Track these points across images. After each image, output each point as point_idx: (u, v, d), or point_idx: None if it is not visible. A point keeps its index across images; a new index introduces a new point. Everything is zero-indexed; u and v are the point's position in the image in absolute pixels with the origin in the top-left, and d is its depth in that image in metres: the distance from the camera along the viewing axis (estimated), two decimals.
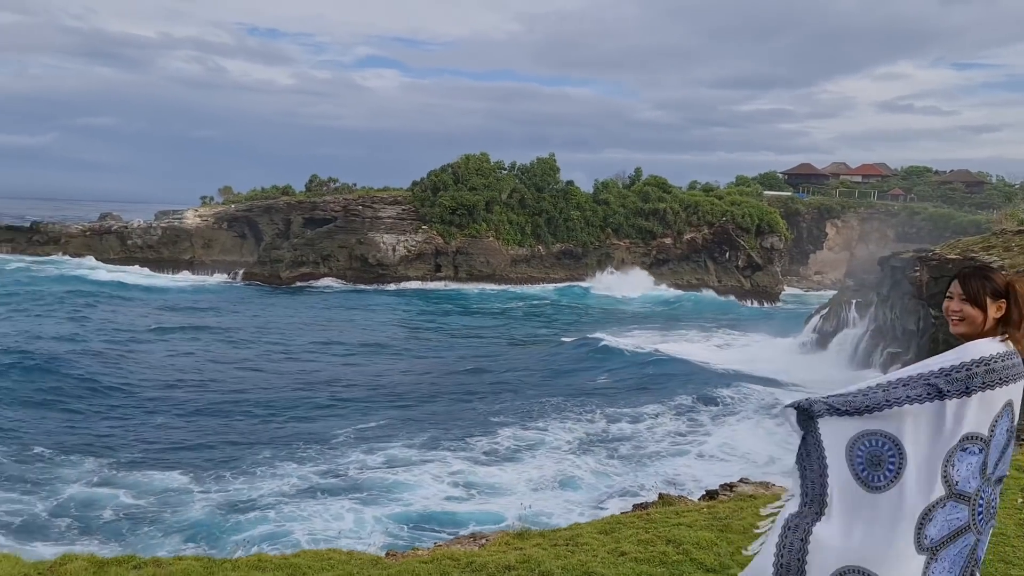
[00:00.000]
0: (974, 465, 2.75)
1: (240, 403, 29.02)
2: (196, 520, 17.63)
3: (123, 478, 20.15)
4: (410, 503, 18.94)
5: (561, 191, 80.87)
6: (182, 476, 20.44)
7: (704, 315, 62.29)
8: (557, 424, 26.06)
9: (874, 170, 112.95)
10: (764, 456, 22.44)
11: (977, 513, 2.79)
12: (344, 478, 20.48)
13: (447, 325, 51.74)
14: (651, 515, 5.65)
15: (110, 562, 4.85)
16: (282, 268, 75.83)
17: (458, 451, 23.05)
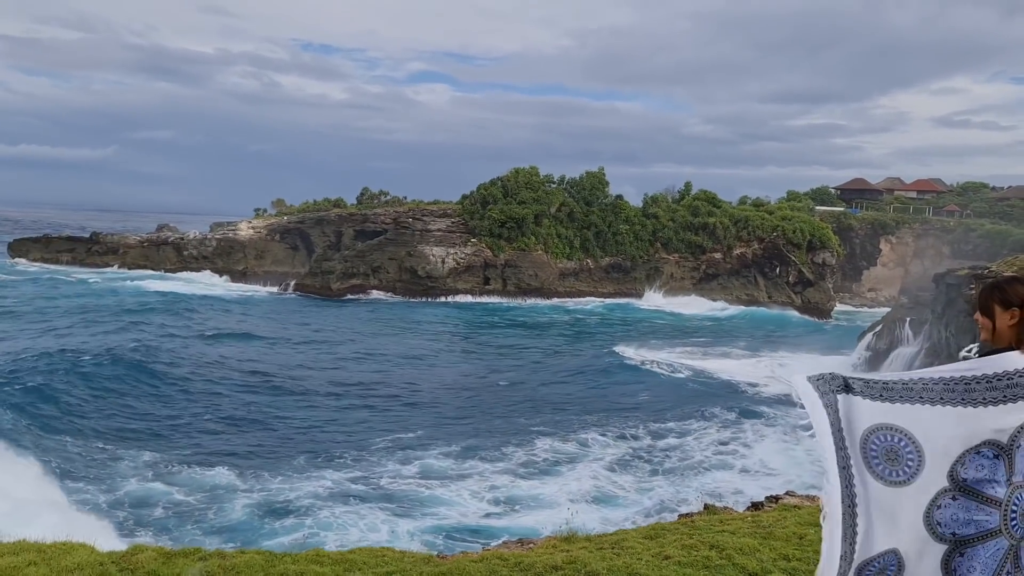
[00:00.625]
0: (986, 469, 2.85)
1: (283, 407, 30.10)
2: (237, 521, 18.31)
3: (175, 474, 21.04)
4: (446, 516, 19.21)
5: (610, 205, 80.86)
6: (228, 473, 21.36)
7: (754, 332, 61.55)
8: (596, 438, 26.17)
9: (929, 186, 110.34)
10: (800, 473, 22.26)
11: (1011, 519, 2.86)
12: (378, 488, 20.95)
13: (491, 338, 52.09)
14: (695, 523, 5.80)
15: (177, 554, 5.19)
16: (333, 279, 77.12)
17: (495, 462, 23.32)
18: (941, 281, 39.65)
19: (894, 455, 2.93)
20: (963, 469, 2.86)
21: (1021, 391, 2.88)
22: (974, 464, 2.87)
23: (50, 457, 21.53)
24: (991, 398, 2.87)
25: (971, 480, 2.85)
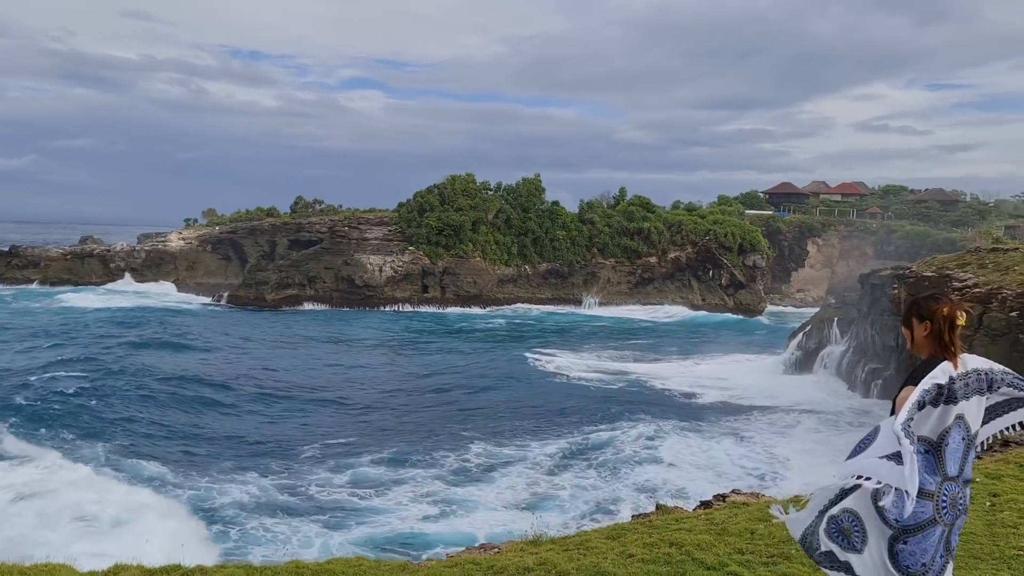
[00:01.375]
0: (919, 462, 3.15)
1: (209, 413, 29.85)
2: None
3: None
4: (383, 524, 19.02)
5: (547, 211, 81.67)
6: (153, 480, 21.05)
7: (688, 335, 62.90)
8: (529, 442, 26.48)
9: (852, 189, 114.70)
10: (725, 471, 23.02)
11: (941, 507, 3.26)
12: (309, 498, 20.82)
13: (425, 346, 52.05)
14: (653, 522, 6.06)
15: (159, 571, 5.17)
16: (267, 290, 75.82)
17: (428, 467, 23.41)
18: (866, 281, 41.30)
19: (846, 534, 3.39)
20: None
21: (948, 397, 3.28)
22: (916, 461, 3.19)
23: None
24: (931, 399, 3.27)
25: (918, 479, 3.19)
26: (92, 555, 13.96)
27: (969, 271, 28.76)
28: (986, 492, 6.20)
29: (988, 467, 6.96)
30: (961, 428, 3.32)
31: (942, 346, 3.42)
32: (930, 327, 3.44)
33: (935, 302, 3.50)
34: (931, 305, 3.49)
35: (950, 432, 3.29)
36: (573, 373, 41.78)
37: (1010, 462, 7.47)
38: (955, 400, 3.28)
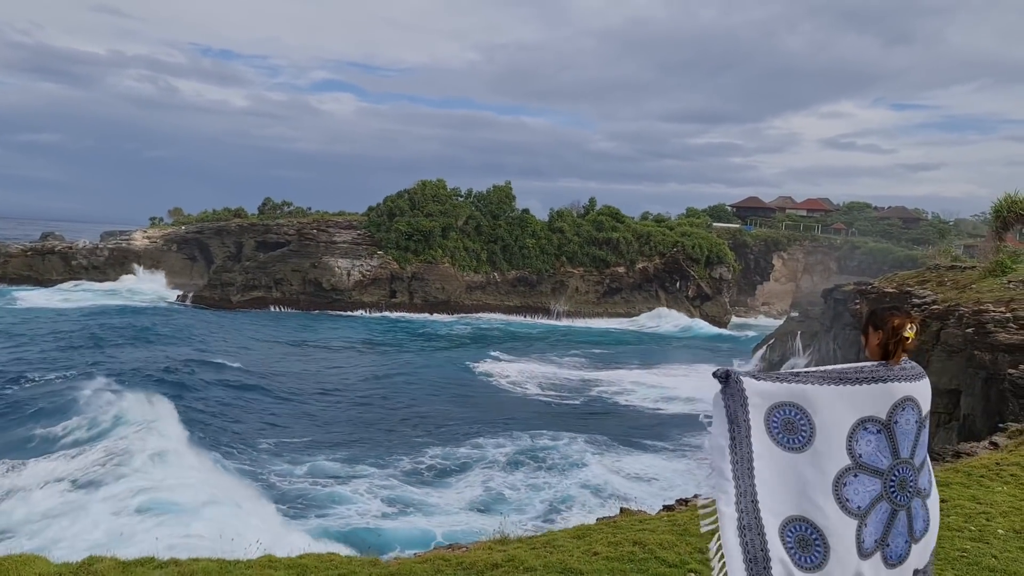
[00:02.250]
0: (873, 443, 3.44)
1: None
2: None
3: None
4: (342, 516, 19.39)
5: (517, 219, 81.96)
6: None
7: (653, 344, 63.48)
8: (483, 447, 26.74)
9: (818, 204, 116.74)
10: (672, 479, 23.34)
11: (889, 487, 3.46)
12: (269, 485, 21.05)
13: (386, 350, 51.95)
14: (618, 523, 6.22)
15: (133, 563, 5.21)
16: (233, 292, 75.05)
17: (384, 468, 23.74)
18: (829, 296, 42.12)
19: (791, 426, 3.47)
20: (857, 446, 3.46)
21: (879, 376, 3.54)
22: (864, 440, 3.46)
23: None
24: (857, 378, 3.53)
25: (864, 456, 3.45)
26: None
27: (928, 288, 29.46)
28: None
29: (938, 475, 7.25)
30: (913, 410, 3.53)
31: (886, 354, 3.67)
32: (881, 336, 3.68)
33: (889, 313, 3.76)
34: (885, 316, 3.76)
35: (900, 411, 3.50)
36: (532, 382, 41.86)
37: (958, 471, 7.79)
38: (886, 380, 3.51)
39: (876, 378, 3.54)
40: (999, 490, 6.97)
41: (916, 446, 3.56)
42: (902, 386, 3.54)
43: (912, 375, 3.61)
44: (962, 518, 6.14)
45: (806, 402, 3.48)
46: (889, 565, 3.51)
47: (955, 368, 21.24)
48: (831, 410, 3.46)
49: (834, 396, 3.49)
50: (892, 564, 3.52)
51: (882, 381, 3.52)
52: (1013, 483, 7.25)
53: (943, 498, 6.72)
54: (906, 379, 3.57)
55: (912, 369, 3.64)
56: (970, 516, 6.21)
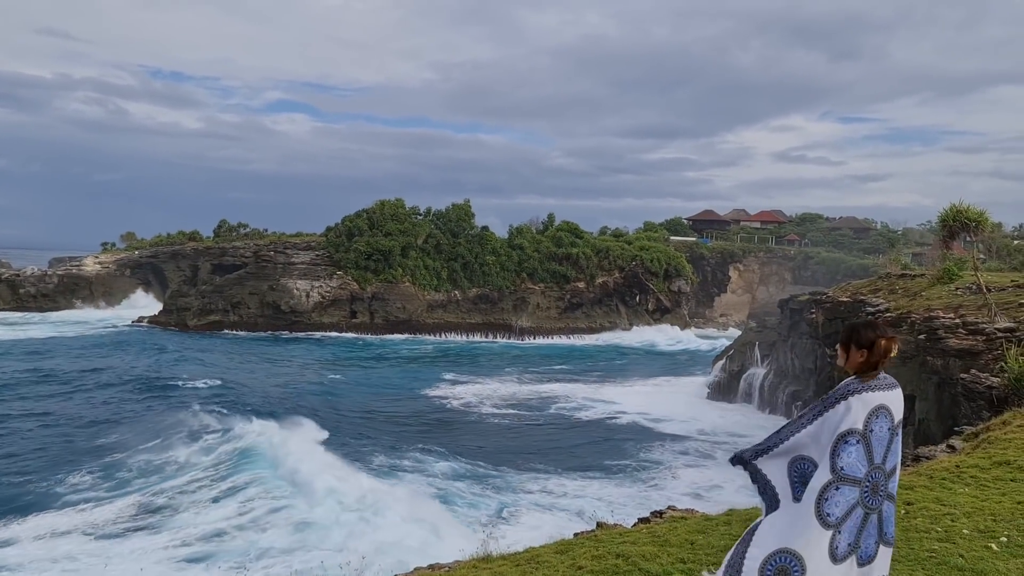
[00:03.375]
0: (853, 455, 3.62)
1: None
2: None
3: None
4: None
5: (476, 236, 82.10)
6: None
7: (615, 359, 63.91)
8: (424, 465, 26.95)
9: (771, 216, 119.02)
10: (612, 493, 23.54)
11: (864, 493, 3.63)
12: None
13: (341, 370, 51.52)
14: (599, 536, 6.30)
15: None
16: (189, 316, 73.77)
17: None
18: (785, 306, 42.89)
19: (804, 478, 3.75)
20: (839, 460, 3.62)
21: (854, 390, 3.74)
22: (845, 452, 3.64)
23: None
24: (838, 396, 3.75)
25: (846, 468, 3.59)
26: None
27: (880, 296, 30.22)
28: (902, 501, 6.70)
29: (903, 479, 7.48)
30: (886, 418, 3.71)
31: (862, 367, 3.84)
32: (867, 355, 3.81)
33: (873, 333, 3.87)
34: (870, 335, 3.86)
35: (875, 420, 3.67)
36: (487, 401, 41.65)
37: (921, 474, 8.03)
38: (859, 391, 3.69)
39: (851, 391, 3.72)
40: (961, 492, 7.21)
41: (888, 452, 3.73)
42: (875, 395, 3.71)
43: (885, 385, 3.78)
44: (928, 520, 6.35)
45: (808, 451, 3.77)
46: (860, 565, 3.68)
47: (909, 374, 21.82)
48: (820, 440, 3.72)
49: (818, 427, 3.73)
50: (863, 563, 3.69)
51: (857, 393, 3.70)
52: (974, 484, 7.50)
53: (909, 500, 6.94)
54: (879, 389, 3.74)
55: (885, 380, 3.80)
56: (936, 517, 6.42)
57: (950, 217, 21.87)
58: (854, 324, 3.98)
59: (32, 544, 18.39)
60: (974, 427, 11.73)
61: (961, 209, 21.72)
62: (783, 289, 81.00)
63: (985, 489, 7.35)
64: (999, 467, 8.08)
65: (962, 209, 21.71)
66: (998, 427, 10.35)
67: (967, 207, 21.75)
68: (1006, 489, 7.29)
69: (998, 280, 26.11)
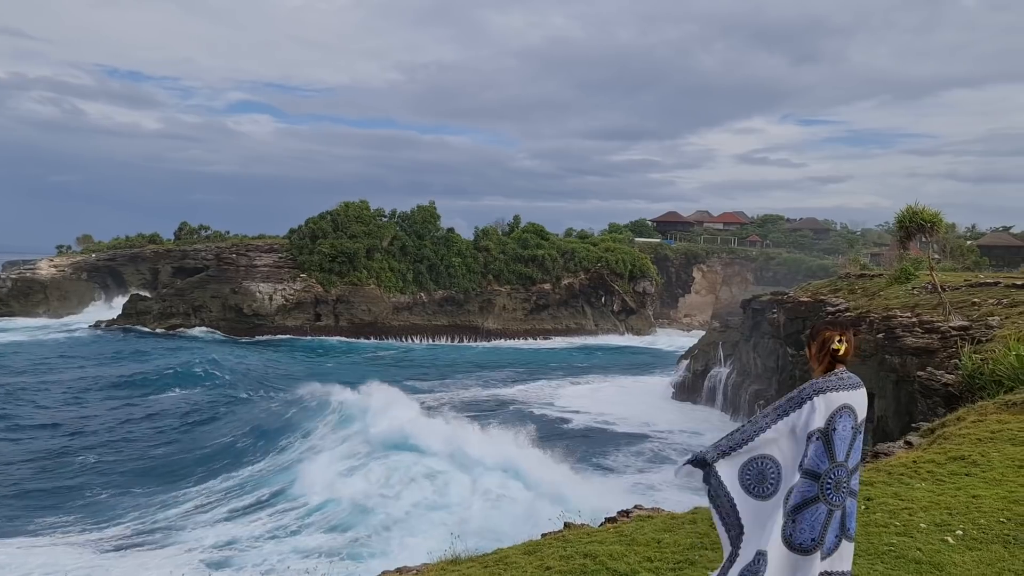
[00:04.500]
0: (812, 451, 3.72)
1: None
2: None
3: None
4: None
5: (442, 238, 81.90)
6: None
7: (579, 360, 64.21)
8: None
9: (734, 218, 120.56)
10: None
11: (826, 488, 3.71)
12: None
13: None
14: (567, 537, 6.34)
15: None
16: (149, 320, 72.54)
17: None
18: (748, 307, 43.47)
19: (762, 476, 3.85)
20: (807, 459, 3.68)
21: (818, 389, 3.83)
22: (811, 449, 3.75)
23: None
24: (803, 397, 3.83)
25: (809, 463, 3.69)
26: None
27: (840, 296, 30.78)
28: (862, 496, 6.85)
29: (862, 475, 7.65)
30: (849, 417, 3.79)
31: (820, 364, 3.96)
32: (816, 348, 3.98)
33: (824, 328, 4.05)
34: (818, 330, 4.07)
35: (838, 419, 3.76)
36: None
37: (880, 470, 8.21)
38: (823, 391, 3.79)
39: (816, 391, 3.80)
40: (918, 487, 7.39)
41: (851, 450, 3.82)
42: (839, 395, 3.79)
43: (849, 384, 3.86)
44: (887, 514, 6.49)
45: (769, 450, 3.84)
46: (823, 559, 3.77)
47: (868, 372, 22.27)
48: (789, 443, 3.80)
49: (786, 428, 3.81)
50: (825, 557, 3.78)
51: (821, 393, 3.78)
52: (930, 479, 7.69)
53: (869, 496, 7.10)
54: (843, 388, 3.82)
55: (849, 379, 3.89)
56: (894, 512, 6.57)
57: (906, 219, 22.36)
58: (816, 323, 4.12)
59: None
60: (930, 423, 12.00)
61: (917, 211, 22.22)
62: (746, 289, 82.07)
63: (941, 484, 7.54)
64: (954, 462, 8.29)
65: (918, 211, 22.21)
66: (953, 423, 10.61)
67: (923, 209, 22.26)
68: (961, 484, 7.49)
69: (952, 280, 26.75)
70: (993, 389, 12.59)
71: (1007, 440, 8.96)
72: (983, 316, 20.28)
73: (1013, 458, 8.21)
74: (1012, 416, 10.09)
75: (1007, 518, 6.36)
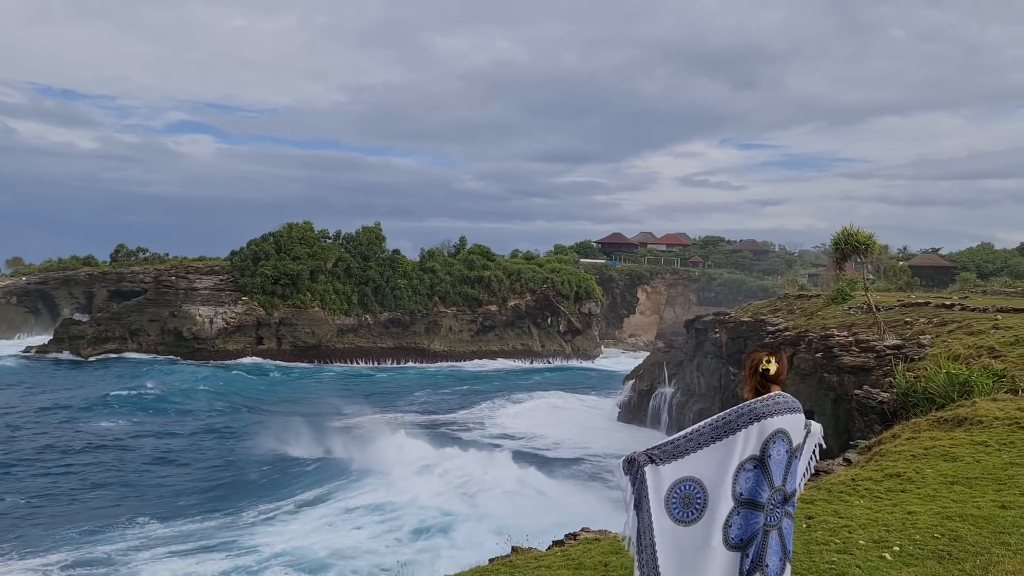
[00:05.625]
0: (752, 480, 3.71)
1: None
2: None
3: None
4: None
5: (387, 260, 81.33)
6: None
7: (522, 380, 64.23)
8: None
9: (676, 239, 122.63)
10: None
11: (769, 515, 3.74)
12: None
13: None
14: (514, 562, 6.29)
15: None
16: (83, 345, 70.08)
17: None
18: (691, 327, 44.14)
19: (688, 500, 3.72)
20: (738, 487, 3.68)
21: (755, 414, 3.80)
22: (743, 478, 3.71)
23: None
24: (741, 423, 3.78)
25: (746, 493, 3.67)
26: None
27: (780, 316, 31.49)
28: (803, 515, 6.98)
29: (803, 493, 7.80)
30: (783, 441, 3.80)
31: (751, 385, 3.99)
32: (745, 370, 4.02)
33: (755, 351, 4.09)
34: (749, 352, 4.10)
35: (773, 445, 3.76)
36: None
37: (821, 488, 8.38)
38: (759, 418, 3.77)
39: (755, 417, 3.78)
40: (857, 504, 7.57)
41: (787, 475, 3.83)
42: (774, 420, 3.79)
43: (784, 408, 3.85)
44: (827, 532, 6.62)
45: (698, 472, 3.73)
46: None
47: (808, 391, 22.78)
48: (718, 468, 3.72)
49: (721, 453, 3.74)
50: None
51: (757, 420, 3.77)
52: (868, 496, 7.88)
53: (810, 514, 7.22)
54: (778, 412, 3.82)
55: (785, 403, 3.87)
56: (834, 530, 6.71)
57: (842, 240, 23.03)
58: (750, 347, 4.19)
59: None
60: (868, 441, 12.33)
61: (852, 233, 22.91)
62: (689, 310, 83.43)
63: (878, 501, 7.73)
64: (890, 479, 8.51)
65: (852, 233, 22.90)
66: (889, 440, 10.92)
67: (857, 231, 22.97)
68: (897, 500, 7.69)
69: (886, 300, 27.62)
70: (926, 406, 13.00)
71: (939, 456, 9.25)
72: (915, 335, 20.98)
73: (945, 474, 8.48)
74: (943, 433, 10.42)
75: (941, 533, 6.55)
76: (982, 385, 12.87)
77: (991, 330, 18.81)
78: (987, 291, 40.87)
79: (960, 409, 11.39)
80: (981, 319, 20.82)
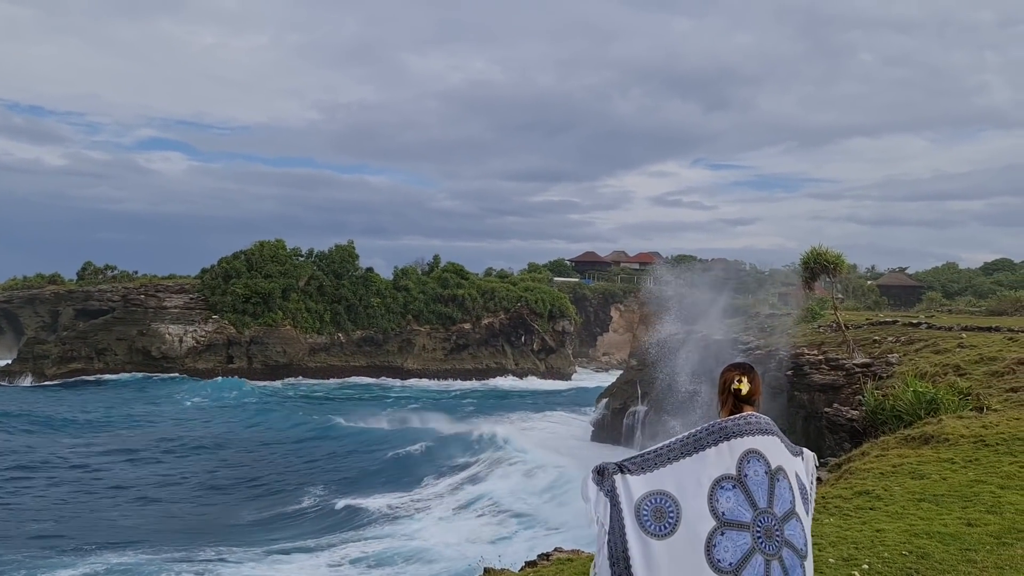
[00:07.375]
0: (732, 499, 3.61)
1: None
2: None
3: None
4: None
5: (361, 278, 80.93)
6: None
7: (497, 400, 64.06)
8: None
9: (649, 258, 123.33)
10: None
11: (757, 537, 3.58)
12: None
13: None
14: None
15: None
16: (47, 365, 68.79)
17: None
18: (664, 345, 44.35)
19: (660, 513, 3.63)
20: (719, 505, 3.61)
21: (727, 433, 3.75)
22: (723, 497, 3.62)
23: None
24: (711, 441, 3.72)
25: (727, 512, 3.60)
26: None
27: (751, 334, 31.78)
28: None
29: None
30: (759, 461, 3.70)
31: (724, 405, 3.93)
32: (719, 389, 3.99)
33: (728, 369, 4.03)
34: (724, 372, 4.04)
35: (746, 464, 3.68)
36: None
37: None
38: (729, 437, 3.71)
39: (724, 435, 3.73)
40: (826, 522, 7.62)
41: (773, 497, 3.68)
42: (744, 440, 3.72)
43: (756, 429, 3.79)
44: None
45: (668, 486, 3.65)
46: None
47: (779, 408, 22.98)
48: (692, 483, 3.65)
49: (692, 468, 3.68)
50: None
51: (726, 439, 3.71)
52: (838, 514, 7.94)
53: None
54: (749, 433, 3.75)
55: (758, 424, 3.81)
56: None
57: (811, 259, 23.36)
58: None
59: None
60: (837, 458, 12.44)
61: (821, 252, 23.26)
62: (661, 328, 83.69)
63: (847, 519, 7.79)
64: (859, 496, 8.59)
65: (821, 252, 23.24)
66: (858, 458, 11.03)
67: (826, 250, 23.31)
68: (866, 518, 7.76)
69: (855, 318, 27.99)
70: (894, 424, 13.16)
71: (907, 474, 9.36)
72: (883, 353, 21.28)
73: (913, 491, 8.57)
74: (911, 450, 10.55)
75: (909, 551, 6.61)
76: (948, 403, 13.07)
77: (956, 348, 19.14)
78: (952, 310, 41.65)
79: (927, 427, 11.55)
80: (947, 337, 21.17)
